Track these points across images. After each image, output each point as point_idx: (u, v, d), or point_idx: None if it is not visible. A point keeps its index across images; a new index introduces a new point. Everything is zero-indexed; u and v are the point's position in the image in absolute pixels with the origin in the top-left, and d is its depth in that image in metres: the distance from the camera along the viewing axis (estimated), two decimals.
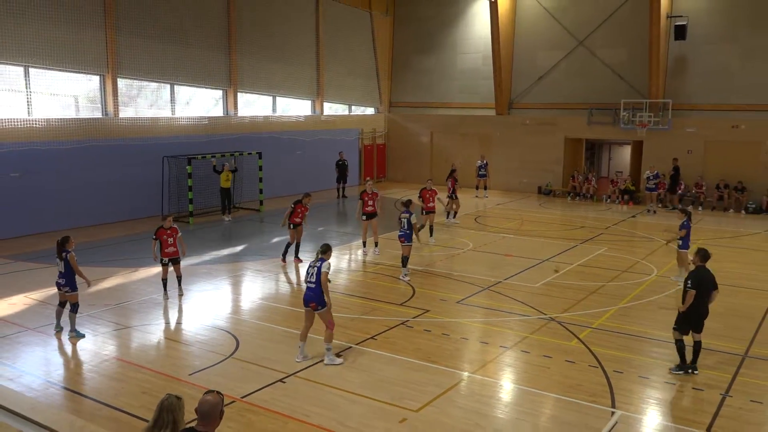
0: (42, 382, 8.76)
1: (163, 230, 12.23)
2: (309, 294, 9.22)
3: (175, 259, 12.43)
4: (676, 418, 7.93)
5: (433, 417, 7.83)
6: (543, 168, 27.95)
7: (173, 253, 12.34)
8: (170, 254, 12.31)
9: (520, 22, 28.57)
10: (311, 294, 9.19)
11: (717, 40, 24.59)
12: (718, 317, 11.72)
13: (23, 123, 17.78)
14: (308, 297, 9.24)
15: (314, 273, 9.16)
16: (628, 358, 9.73)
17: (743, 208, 23.69)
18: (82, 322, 11.07)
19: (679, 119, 25.05)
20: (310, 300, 9.22)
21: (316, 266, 9.20)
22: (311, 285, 9.17)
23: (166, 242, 12.22)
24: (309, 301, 9.24)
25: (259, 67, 24.91)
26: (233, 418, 7.60)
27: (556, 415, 8.02)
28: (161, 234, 12.21)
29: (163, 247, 12.24)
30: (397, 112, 32.32)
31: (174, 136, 21.69)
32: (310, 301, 9.22)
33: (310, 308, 9.27)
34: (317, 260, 9.27)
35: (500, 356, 9.86)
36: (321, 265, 9.18)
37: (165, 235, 12.22)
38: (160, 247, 12.24)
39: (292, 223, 15.26)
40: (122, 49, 20.02)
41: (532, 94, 28.67)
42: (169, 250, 12.28)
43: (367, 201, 16.34)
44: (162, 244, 12.22)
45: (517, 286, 13.64)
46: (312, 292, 9.17)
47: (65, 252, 10.59)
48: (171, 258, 12.36)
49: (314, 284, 9.13)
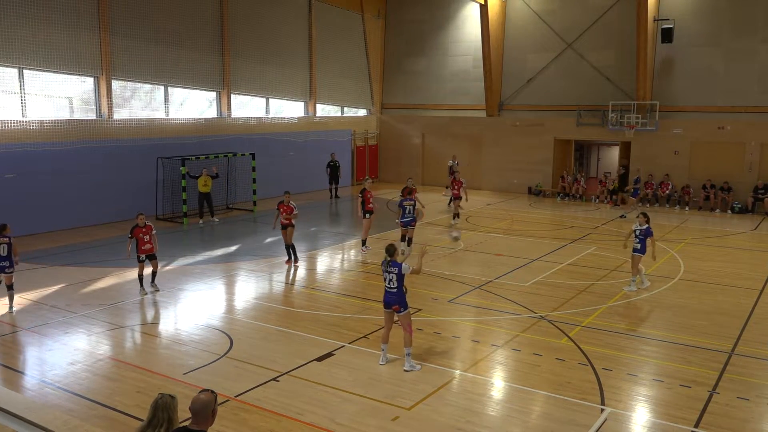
0: (37, 381, 8.80)
1: (138, 228, 12.72)
2: (391, 297, 9.29)
3: (152, 255, 12.92)
4: (664, 414, 8.05)
5: (425, 415, 7.94)
6: (533, 169, 28.18)
7: (149, 250, 12.84)
8: (147, 251, 12.81)
9: (509, 25, 28.78)
10: (393, 297, 9.26)
11: (702, 42, 24.88)
12: (705, 315, 11.95)
13: (17, 124, 17.80)
14: (391, 300, 9.29)
15: (393, 278, 9.22)
16: (617, 356, 9.88)
17: (729, 208, 23.97)
18: (76, 321, 11.14)
19: (666, 120, 25.32)
20: (393, 303, 9.28)
21: (394, 271, 9.24)
22: (393, 290, 9.25)
23: (142, 240, 12.73)
24: (392, 303, 9.29)
25: (253, 69, 24.98)
26: (227, 417, 7.68)
27: (547, 412, 8.14)
28: (137, 232, 12.71)
29: (139, 245, 12.74)
30: (389, 113, 32.46)
31: (168, 137, 21.73)
32: (393, 304, 9.28)
33: (392, 310, 9.33)
34: (389, 264, 9.30)
35: (491, 354, 10.00)
36: (399, 268, 9.25)
37: (141, 233, 12.72)
38: (137, 244, 12.72)
39: (281, 225, 15.33)
40: (116, 51, 20.06)
41: (521, 96, 28.89)
42: (146, 247, 12.78)
43: (369, 198, 16.53)
44: (138, 241, 12.72)
45: (508, 285, 13.79)
46: (394, 295, 9.26)
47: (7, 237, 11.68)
48: (148, 255, 12.86)
49: (396, 288, 9.24)
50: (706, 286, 14.00)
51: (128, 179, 20.45)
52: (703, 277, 14.72)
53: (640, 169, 24.39)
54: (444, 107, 30.82)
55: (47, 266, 14.97)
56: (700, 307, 12.52)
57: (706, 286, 14.00)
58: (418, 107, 31.59)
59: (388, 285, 9.32)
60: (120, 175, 20.22)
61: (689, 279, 14.49)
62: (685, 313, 12.10)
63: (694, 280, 14.39)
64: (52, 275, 14.18)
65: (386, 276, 9.34)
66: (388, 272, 9.31)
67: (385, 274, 9.36)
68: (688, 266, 15.61)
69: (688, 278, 14.55)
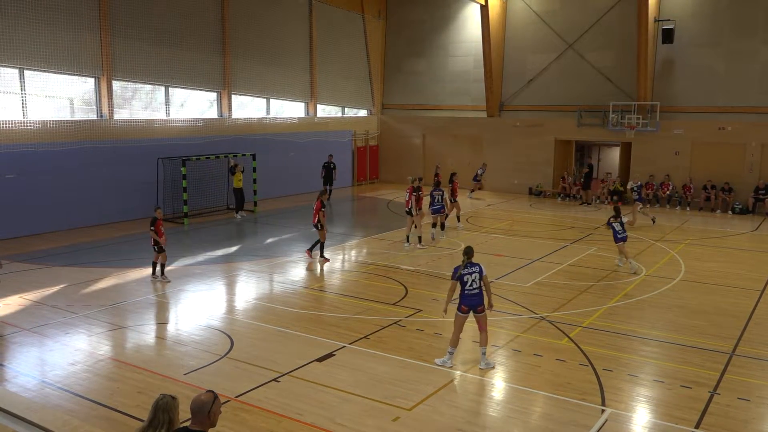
0: (37, 382, 8.81)
1: (159, 221, 13.63)
2: (475, 299, 9.30)
3: (162, 247, 13.74)
4: (665, 415, 8.05)
5: (426, 415, 7.94)
6: (533, 169, 28.17)
7: (165, 241, 13.73)
8: (164, 242, 13.68)
9: (510, 26, 28.79)
10: (476, 299, 9.30)
11: (703, 43, 24.89)
12: (706, 316, 11.95)
13: (18, 125, 17.81)
14: (474, 302, 9.29)
15: (476, 279, 9.27)
16: (618, 357, 9.89)
17: (730, 208, 23.96)
18: (76, 322, 11.15)
19: (667, 121, 25.32)
20: (478, 304, 9.31)
21: (476, 271, 9.29)
22: (475, 291, 9.27)
23: (161, 231, 13.59)
24: (477, 305, 9.31)
25: (253, 70, 24.99)
26: (227, 417, 7.68)
27: (547, 412, 8.15)
28: (159, 224, 13.59)
29: (158, 236, 13.55)
30: (390, 114, 32.47)
31: (169, 137, 21.74)
32: (478, 306, 9.31)
33: (478, 312, 9.33)
34: (469, 266, 9.31)
35: (492, 355, 9.98)
36: (481, 269, 9.33)
37: (160, 225, 13.63)
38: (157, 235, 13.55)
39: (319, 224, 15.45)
40: (117, 52, 20.07)
41: (522, 97, 28.89)
42: (163, 239, 13.62)
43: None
44: (158, 233, 13.52)
45: (508, 285, 13.80)
46: (477, 296, 9.30)
47: None
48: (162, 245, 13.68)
49: (478, 289, 9.29)
50: (706, 286, 14.00)
51: (129, 180, 20.46)
52: (703, 277, 14.72)
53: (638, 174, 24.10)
54: (444, 108, 30.83)
55: (48, 266, 14.99)
56: (701, 307, 12.52)
57: (706, 286, 14.00)
58: (418, 108, 31.60)
59: (469, 287, 9.25)
60: (121, 175, 20.24)
61: (690, 280, 14.49)
62: (685, 314, 12.10)
63: (695, 281, 14.39)
64: (52, 275, 14.19)
65: (466, 278, 9.26)
66: (469, 274, 9.26)
67: (466, 276, 9.27)
68: (688, 267, 15.61)
69: (688, 279, 14.55)
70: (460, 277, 9.27)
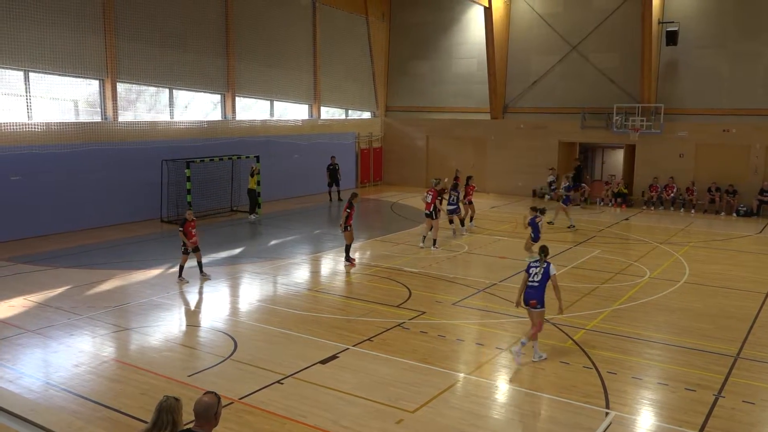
0: (41, 383, 8.81)
1: (188, 222, 13.72)
2: (530, 292, 9.50)
3: (197, 247, 13.91)
4: (669, 418, 8.03)
5: (429, 418, 7.93)
6: (537, 171, 28.11)
7: (196, 242, 13.86)
8: (194, 243, 13.79)
9: (514, 28, 28.79)
10: (533, 292, 9.48)
11: (707, 45, 24.85)
12: (710, 318, 11.92)
13: (23, 127, 17.86)
14: (529, 295, 9.51)
15: (539, 273, 9.47)
16: (622, 359, 9.87)
17: (734, 210, 23.90)
18: (81, 323, 11.17)
19: (671, 123, 25.28)
20: (531, 298, 9.49)
21: (543, 266, 9.53)
22: (534, 284, 9.48)
23: (191, 233, 13.69)
24: (530, 299, 9.50)
25: (257, 72, 25.03)
26: (231, 419, 7.69)
27: (551, 415, 8.14)
28: (188, 226, 13.68)
29: (188, 238, 13.65)
30: (393, 116, 32.48)
31: (173, 139, 21.79)
32: (531, 299, 9.49)
33: (530, 306, 9.52)
34: (542, 261, 9.59)
35: (495, 357, 9.98)
36: (548, 267, 9.51)
37: (190, 227, 13.71)
38: (186, 237, 13.64)
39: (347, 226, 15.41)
40: (121, 54, 20.12)
41: (526, 99, 28.88)
42: (193, 240, 13.76)
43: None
44: (187, 234, 13.64)
45: (512, 288, 13.70)
46: (534, 290, 9.47)
47: None
48: (194, 247, 13.84)
49: (538, 283, 9.46)
50: (710, 289, 13.96)
51: (133, 181, 20.51)
52: (707, 280, 14.68)
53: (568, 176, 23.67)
54: (448, 110, 30.83)
55: (52, 268, 15.02)
56: (705, 310, 12.49)
57: (710, 289, 13.96)
58: (422, 110, 31.61)
59: (531, 279, 9.53)
60: (125, 177, 20.28)
61: (694, 282, 14.45)
62: (689, 317, 12.08)
63: (699, 283, 14.35)
64: (56, 277, 14.22)
65: (531, 271, 9.58)
66: (535, 267, 9.58)
67: (532, 269, 9.59)
68: (692, 269, 15.56)
69: (692, 281, 14.51)
70: (528, 269, 9.68)
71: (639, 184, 26.28)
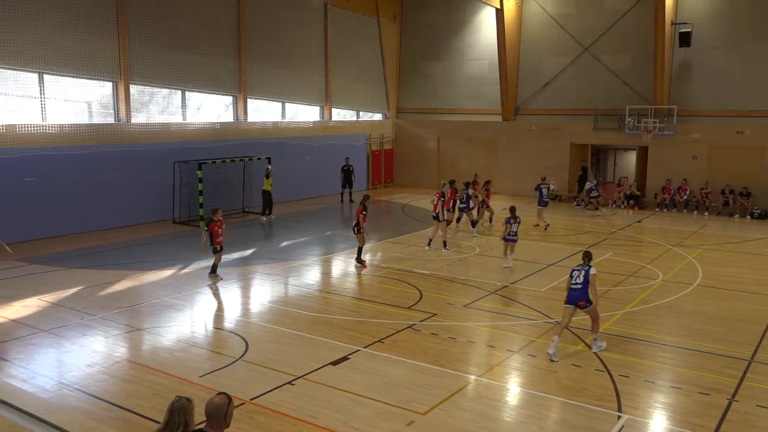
0: (55, 383, 8.88)
1: (214, 222, 13.86)
2: (575, 294, 10.00)
3: (222, 247, 14.08)
4: (682, 422, 7.97)
5: (440, 420, 7.92)
6: (549, 173, 27.91)
7: (221, 242, 14.01)
8: (220, 243, 13.96)
9: (526, 29, 28.72)
10: (578, 294, 9.97)
11: (720, 46, 24.68)
12: (724, 322, 11.83)
13: (37, 129, 18.02)
14: (575, 297, 10.01)
15: (581, 276, 10.02)
16: (634, 362, 9.81)
17: (749, 213, 23.70)
18: (94, 323, 11.25)
19: (684, 125, 25.11)
20: (578, 299, 9.98)
21: (585, 269, 10.06)
22: (578, 287, 10.00)
23: (217, 233, 13.84)
24: (578, 300, 9.98)
25: (269, 74, 25.12)
26: (242, 420, 7.71)
27: (563, 418, 8.10)
28: (213, 226, 13.83)
29: (214, 237, 13.82)
30: (405, 117, 32.49)
31: (185, 141, 21.92)
32: (579, 300, 9.98)
33: (579, 306, 10.00)
34: (584, 266, 10.13)
35: (507, 360, 9.96)
36: (589, 269, 10.04)
37: (216, 227, 13.83)
38: (212, 237, 13.80)
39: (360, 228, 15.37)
40: (134, 57, 20.26)
41: (537, 100, 28.80)
42: (220, 239, 13.92)
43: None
44: (213, 234, 13.81)
45: (524, 290, 13.74)
46: (579, 292, 9.97)
47: None
48: (220, 246, 14.02)
49: (581, 285, 9.96)
50: (724, 292, 13.86)
51: (145, 183, 20.64)
52: (721, 283, 14.56)
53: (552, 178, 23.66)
54: (459, 111, 30.81)
55: (66, 268, 15.14)
56: (719, 313, 12.39)
57: (724, 292, 13.86)
58: (433, 111, 31.60)
59: (574, 282, 10.08)
60: (137, 178, 20.41)
61: (707, 285, 14.35)
62: (703, 320, 11.99)
63: (713, 287, 14.24)
64: (70, 277, 14.33)
65: (574, 274, 10.15)
66: (578, 270, 10.15)
67: (574, 273, 10.18)
68: (706, 272, 15.45)
69: (706, 284, 14.41)
70: (571, 273, 10.28)
71: (652, 186, 26.13)
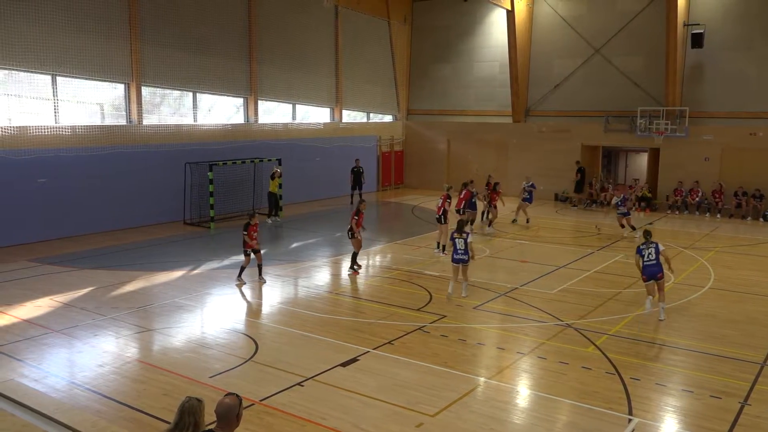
0: (66, 383, 8.94)
1: (251, 226, 13.92)
2: (653, 269, 11.83)
3: (257, 249, 14.14)
4: (693, 425, 7.92)
5: (450, 422, 7.90)
6: (559, 175, 27.90)
7: (256, 245, 14.08)
8: (252, 246, 14.02)
9: (536, 31, 28.65)
10: (656, 268, 11.83)
11: (733, 47, 24.50)
12: (736, 325, 11.73)
13: (50, 130, 18.16)
14: (654, 271, 11.83)
15: (653, 252, 11.89)
16: (645, 365, 9.75)
17: (761, 215, 23.50)
18: (105, 324, 11.32)
19: (696, 127, 24.95)
20: (657, 272, 11.83)
21: (653, 246, 11.93)
22: (652, 262, 11.84)
23: (252, 236, 13.92)
24: (656, 273, 11.83)
25: (279, 76, 25.20)
26: (252, 421, 7.73)
27: (573, 421, 8.06)
28: (251, 230, 13.91)
29: (250, 239, 13.89)
30: (415, 119, 32.48)
31: (196, 142, 22.02)
32: (658, 273, 11.82)
33: (657, 279, 11.83)
34: (649, 243, 12.04)
35: (517, 362, 9.93)
36: (657, 246, 11.97)
37: (253, 230, 13.91)
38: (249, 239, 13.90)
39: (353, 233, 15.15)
40: (146, 59, 20.40)
41: (548, 102, 28.71)
42: (252, 243, 13.97)
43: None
44: (249, 237, 13.87)
45: (534, 292, 13.69)
46: (655, 266, 11.82)
47: None
48: (254, 249, 14.06)
49: (654, 260, 11.85)
50: (736, 294, 13.75)
51: (157, 184, 20.75)
52: (733, 285, 14.45)
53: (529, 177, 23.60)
54: (470, 113, 30.76)
55: (78, 269, 15.24)
56: (731, 316, 12.30)
57: (736, 294, 13.75)
58: (443, 113, 31.58)
59: (647, 259, 11.88)
60: (149, 179, 20.53)
61: (719, 288, 14.25)
62: (715, 323, 11.90)
63: (725, 289, 14.14)
64: (82, 278, 14.43)
65: (644, 252, 11.94)
66: (647, 247, 11.97)
67: (643, 251, 11.97)
68: (718, 275, 15.34)
69: (718, 287, 14.31)
70: (639, 251, 12.04)
71: (663, 188, 25.97)
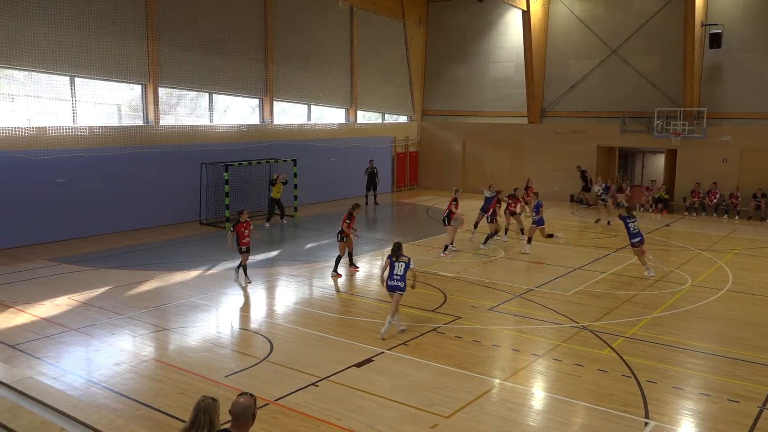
0: (84, 381, 9.02)
1: (240, 224, 13.99)
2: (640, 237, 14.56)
3: (248, 248, 14.16)
4: (711, 430, 7.85)
5: (464, 423, 7.89)
6: (575, 176, 27.70)
7: (248, 243, 14.08)
8: (246, 243, 14.05)
9: (552, 31, 28.52)
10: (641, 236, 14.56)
11: (752, 47, 24.24)
12: (754, 328, 11.61)
13: (69, 131, 18.36)
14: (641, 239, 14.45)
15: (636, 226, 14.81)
16: (662, 368, 9.67)
17: None
18: (121, 323, 11.42)
19: (714, 128, 24.71)
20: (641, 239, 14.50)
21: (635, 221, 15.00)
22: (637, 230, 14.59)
23: (243, 234, 13.96)
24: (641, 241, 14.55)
25: (295, 76, 25.29)
26: (266, 420, 7.76)
27: (588, 424, 8.01)
28: (239, 227, 13.97)
29: (240, 238, 13.94)
30: (430, 120, 32.45)
31: (212, 143, 22.16)
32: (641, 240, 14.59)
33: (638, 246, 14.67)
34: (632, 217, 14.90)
35: (532, 364, 9.89)
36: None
37: (242, 228, 13.98)
38: (238, 238, 13.94)
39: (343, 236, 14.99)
40: (163, 60, 20.55)
41: (564, 103, 28.56)
42: (245, 240, 14.01)
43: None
44: (239, 235, 13.95)
45: (549, 294, 13.63)
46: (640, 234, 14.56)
47: None
48: (246, 247, 14.09)
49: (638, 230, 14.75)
50: (755, 297, 13.59)
51: (173, 184, 20.91)
52: (751, 288, 14.29)
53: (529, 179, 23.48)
54: (485, 114, 30.67)
55: (95, 269, 15.38)
56: (749, 319, 12.16)
57: (755, 297, 13.59)
58: (458, 114, 31.52)
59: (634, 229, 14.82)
60: (165, 180, 20.69)
61: (737, 290, 14.10)
62: (733, 326, 11.78)
63: (743, 292, 13.99)
64: (99, 277, 14.56)
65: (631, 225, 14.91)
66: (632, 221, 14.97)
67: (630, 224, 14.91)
68: (736, 277, 15.18)
69: (736, 289, 14.16)
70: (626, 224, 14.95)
71: (680, 190, 25.74)
